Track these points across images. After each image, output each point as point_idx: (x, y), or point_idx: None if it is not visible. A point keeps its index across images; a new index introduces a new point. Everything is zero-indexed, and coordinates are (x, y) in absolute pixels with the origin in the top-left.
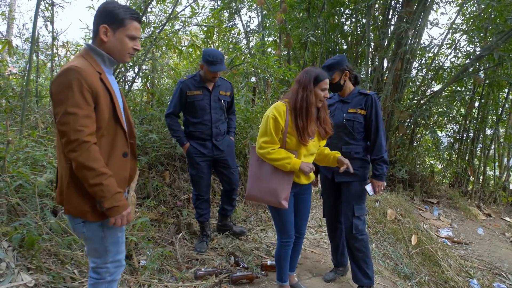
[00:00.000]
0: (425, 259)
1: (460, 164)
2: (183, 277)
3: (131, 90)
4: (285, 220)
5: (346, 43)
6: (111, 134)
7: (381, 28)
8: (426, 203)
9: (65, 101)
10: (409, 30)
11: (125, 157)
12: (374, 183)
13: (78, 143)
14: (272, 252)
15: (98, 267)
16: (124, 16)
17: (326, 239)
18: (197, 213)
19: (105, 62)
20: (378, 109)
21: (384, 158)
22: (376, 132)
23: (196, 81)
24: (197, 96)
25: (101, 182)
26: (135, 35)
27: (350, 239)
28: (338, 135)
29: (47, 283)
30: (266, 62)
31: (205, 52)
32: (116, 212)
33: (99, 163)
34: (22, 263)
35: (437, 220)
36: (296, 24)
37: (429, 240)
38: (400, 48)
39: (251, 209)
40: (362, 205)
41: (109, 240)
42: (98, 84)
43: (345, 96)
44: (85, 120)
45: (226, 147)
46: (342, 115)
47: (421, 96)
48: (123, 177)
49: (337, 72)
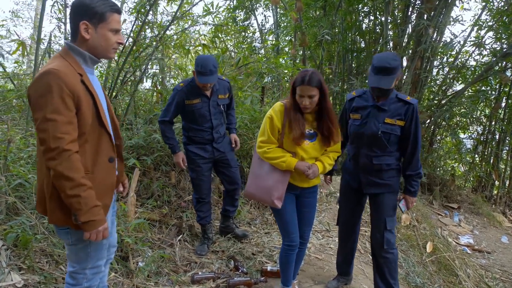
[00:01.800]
0: (440, 268)
1: (484, 167)
2: (180, 280)
3: (137, 90)
4: (285, 221)
5: (364, 42)
6: (96, 139)
7: (400, 26)
8: (446, 208)
9: (44, 106)
10: (429, 27)
11: (111, 162)
12: (408, 199)
13: (58, 151)
14: (274, 257)
15: (75, 272)
16: (104, 9)
17: (332, 245)
18: (198, 216)
19: (87, 62)
20: (418, 121)
21: (421, 174)
22: (415, 147)
23: (194, 88)
24: (196, 105)
25: (78, 193)
26: (117, 28)
27: (381, 252)
28: (370, 146)
29: (37, 284)
30: (274, 61)
31: (196, 60)
32: (92, 226)
33: (79, 174)
34: (14, 263)
35: (457, 226)
36: (312, 23)
37: (446, 248)
38: (420, 46)
39: (257, 211)
40: (393, 217)
41: (93, 247)
42: (79, 87)
43: (380, 101)
44: (65, 127)
45: (226, 147)
46: (377, 125)
47: (441, 96)
48: (109, 183)
49: (397, 76)
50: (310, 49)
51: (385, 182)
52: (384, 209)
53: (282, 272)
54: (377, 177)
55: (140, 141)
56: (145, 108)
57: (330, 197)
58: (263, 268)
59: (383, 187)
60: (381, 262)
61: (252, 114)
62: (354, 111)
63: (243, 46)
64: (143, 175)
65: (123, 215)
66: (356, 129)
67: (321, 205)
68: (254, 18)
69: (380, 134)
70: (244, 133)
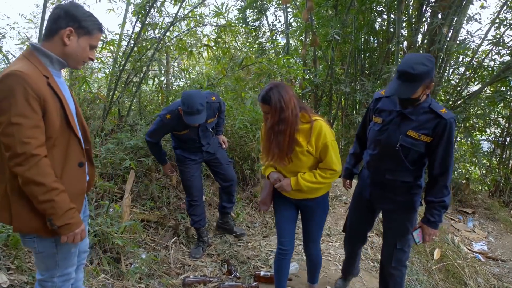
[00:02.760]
0: (448, 276)
1: (501, 171)
2: (170, 283)
3: (140, 90)
4: (277, 224)
5: (377, 41)
6: (64, 143)
7: (414, 25)
8: (459, 212)
9: (8, 110)
10: (443, 26)
11: (81, 167)
12: (425, 229)
13: (26, 156)
14: (269, 262)
15: (44, 281)
16: (93, 26)
17: (332, 250)
18: (192, 220)
19: (53, 64)
20: (452, 139)
21: (446, 204)
22: (442, 171)
23: (180, 120)
24: (184, 134)
25: (51, 198)
26: (95, 45)
27: (388, 268)
28: (383, 158)
29: (25, 284)
30: (276, 62)
31: (182, 98)
32: (69, 230)
33: (50, 178)
34: (3, 263)
35: (471, 232)
36: (324, 22)
37: (456, 255)
38: (433, 46)
39: (257, 214)
40: (406, 237)
41: (61, 255)
42: (45, 89)
43: (408, 108)
44: (31, 131)
45: (215, 148)
46: (397, 136)
47: (456, 97)
48: (79, 189)
49: (422, 86)
50: (321, 49)
51: (399, 199)
52: (396, 227)
53: (275, 279)
54: (390, 191)
55: (138, 142)
56: (150, 108)
57: (335, 200)
58: (256, 273)
59: (396, 203)
60: (387, 276)
61: (253, 116)
62: (377, 113)
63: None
64: (144, 176)
65: (119, 217)
66: (374, 134)
67: None
68: (265, 18)
69: (398, 147)
70: (245, 134)
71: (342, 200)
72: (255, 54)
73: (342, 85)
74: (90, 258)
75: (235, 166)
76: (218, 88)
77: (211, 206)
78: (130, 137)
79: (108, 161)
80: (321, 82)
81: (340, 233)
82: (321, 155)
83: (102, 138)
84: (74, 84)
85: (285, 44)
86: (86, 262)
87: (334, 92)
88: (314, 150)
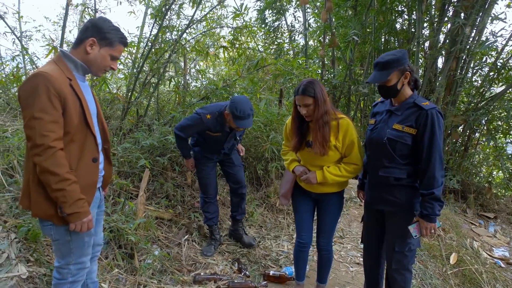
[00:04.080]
0: (464, 282)
1: None
2: (182, 279)
3: (157, 91)
4: (296, 220)
5: (397, 41)
6: (81, 139)
7: (435, 25)
8: (481, 217)
9: (32, 106)
10: (465, 26)
11: (95, 162)
12: (421, 223)
13: (44, 147)
14: (280, 262)
15: (61, 267)
16: (115, 38)
17: (343, 252)
18: (205, 217)
19: (78, 69)
20: (435, 129)
21: (436, 195)
22: (428, 160)
23: (219, 123)
24: (216, 137)
25: (63, 187)
26: (117, 56)
27: (390, 270)
28: (376, 155)
29: (42, 276)
30: (292, 64)
31: (233, 103)
32: (77, 218)
33: (63, 169)
34: (23, 255)
35: (492, 238)
36: (343, 23)
37: (474, 260)
38: (455, 46)
39: (270, 214)
40: (406, 240)
41: (75, 243)
42: (67, 89)
43: (396, 105)
44: (51, 125)
45: (231, 150)
46: (385, 131)
47: (478, 98)
48: (91, 181)
49: (395, 72)
50: (340, 50)
51: (394, 200)
52: (394, 230)
53: (294, 267)
54: (386, 192)
55: (154, 142)
56: (167, 108)
57: (349, 202)
58: (266, 272)
59: (392, 204)
60: (390, 280)
61: (268, 117)
62: (372, 116)
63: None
64: (159, 175)
65: (134, 214)
66: (367, 135)
67: None
68: (284, 19)
69: (385, 140)
70: (259, 135)
71: (357, 202)
72: (273, 55)
73: (360, 86)
74: (105, 253)
75: (249, 166)
76: (233, 89)
77: (224, 206)
78: (146, 137)
79: (125, 159)
80: (339, 83)
81: (353, 235)
82: (347, 151)
83: (120, 137)
84: (94, 85)
85: (303, 45)
86: (101, 256)
87: (352, 93)
88: (341, 146)
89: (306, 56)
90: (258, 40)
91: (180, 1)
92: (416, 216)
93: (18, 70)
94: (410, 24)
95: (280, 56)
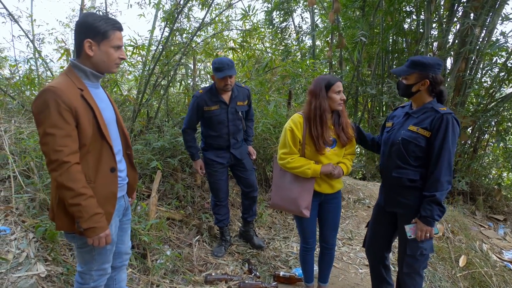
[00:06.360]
0: (474, 285)
1: None
2: (193, 279)
3: (167, 93)
4: (304, 227)
5: (405, 42)
6: (97, 150)
7: (444, 25)
8: (490, 219)
9: (44, 122)
10: (474, 26)
11: (113, 172)
12: (418, 224)
13: (58, 163)
14: (290, 263)
15: (83, 273)
16: (106, 28)
17: (352, 254)
18: (215, 218)
19: (89, 77)
20: (448, 134)
21: (437, 198)
22: (436, 164)
23: (213, 94)
24: (214, 111)
25: (79, 202)
26: (119, 45)
27: (400, 274)
28: (391, 156)
29: (60, 275)
30: (300, 66)
31: (212, 62)
32: (93, 233)
33: (79, 184)
34: (41, 254)
35: (502, 240)
36: (351, 24)
37: (484, 263)
38: (464, 47)
39: (279, 215)
40: (417, 244)
41: (97, 251)
42: (78, 102)
43: (414, 108)
44: (64, 140)
45: (243, 154)
46: (400, 132)
47: (488, 99)
48: (111, 192)
49: (416, 73)
50: (348, 51)
51: (407, 202)
52: (405, 233)
53: (302, 270)
54: (399, 194)
55: (165, 143)
56: (177, 110)
57: (358, 203)
58: (276, 273)
59: (405, 207)
60: (401, 283)
61: (276, 119)
62: (390, 119)
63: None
64: (170, 176)
65: (146, 214)
66: (384, 136)
67: (347, 211)
68: (291, 20)
69: (399, 140)
70: (267, 137)
71: (365, 204)
72: (280, 56)
73: (368, 87)
74: None
75: (258, 167)
76: None
77: (234, 207)
78: (157, 138)
79: (136, 161)
80: (347, 84)
81: (361, 237)
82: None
83: (131, 139)
84: (106, 87)
85: (310, 45)
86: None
87: (360, 94)
88: None
89: (314, 57)
90: (266, 41)
91: (190, 4)
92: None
93: (31, 72)
94: (418, 24)
95: (288, 58)
